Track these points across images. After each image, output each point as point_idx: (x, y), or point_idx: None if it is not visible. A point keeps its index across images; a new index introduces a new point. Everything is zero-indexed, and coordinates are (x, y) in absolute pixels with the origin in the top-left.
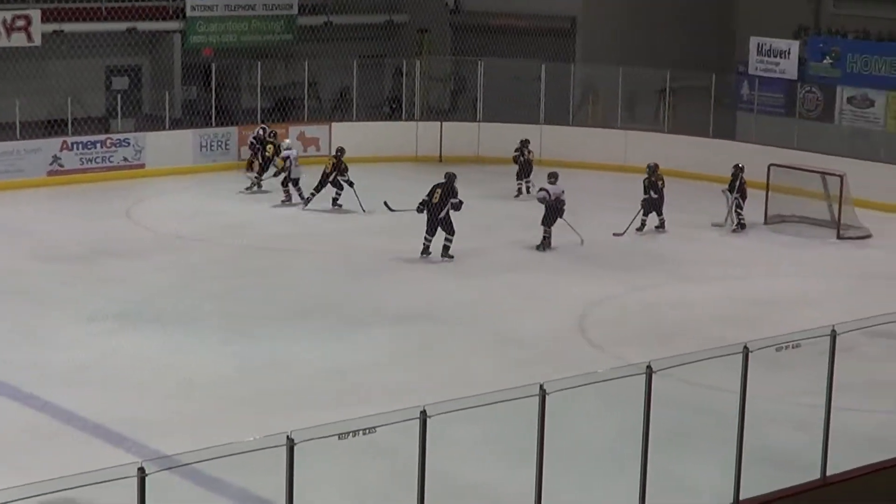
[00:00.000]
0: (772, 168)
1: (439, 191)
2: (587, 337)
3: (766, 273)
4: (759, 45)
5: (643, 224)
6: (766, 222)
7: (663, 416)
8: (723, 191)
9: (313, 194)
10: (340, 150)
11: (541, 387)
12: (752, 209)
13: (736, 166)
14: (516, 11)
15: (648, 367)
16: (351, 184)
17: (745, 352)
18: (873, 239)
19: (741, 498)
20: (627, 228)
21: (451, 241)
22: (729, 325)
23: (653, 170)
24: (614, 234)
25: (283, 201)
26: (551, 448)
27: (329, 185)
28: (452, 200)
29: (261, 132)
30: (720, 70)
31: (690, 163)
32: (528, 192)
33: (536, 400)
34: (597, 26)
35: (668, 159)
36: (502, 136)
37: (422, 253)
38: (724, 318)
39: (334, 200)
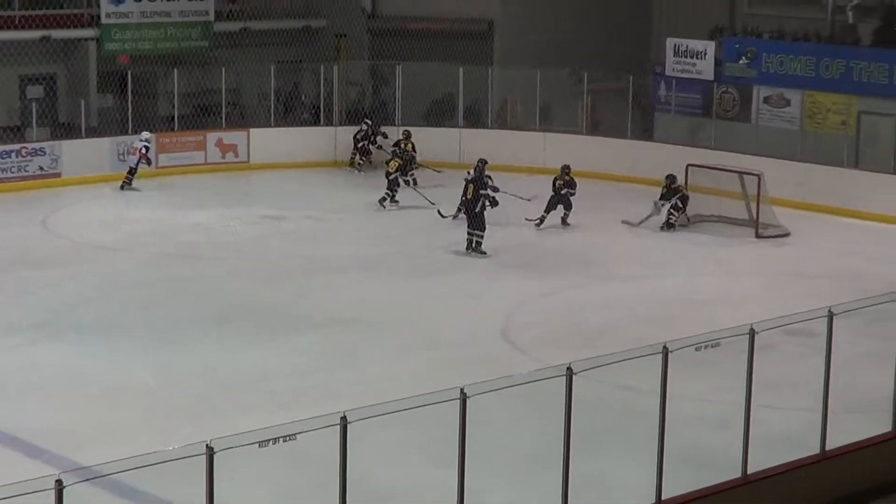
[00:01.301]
0: (690, 168)
1: (471, 186)
2: (510, 340)
3: (686, 273)
4: (675, 46)
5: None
6: (687, 221)
7: (586, 418)
8: (655, 202)
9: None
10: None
11: (461, 390)
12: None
13: (668, 177)
14: (433, 15)
15: (569, 368)
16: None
17: (665, 352)
18: (791, 237)
19: (663, 497)
20: (539, 220)
21: (481, 236)
22: (650, 325)
23: (565, 171)
24: (526, 220)
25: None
26: (475, 450)
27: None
28: (486, 193)
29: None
30: (637, 71)
31: (609, 164)
32: (413, 184)
33: (458, 403)
34: (514, 29)
35: (586, 161)
36: (421, 140)
37: (466, 248)
38: (645, 318)
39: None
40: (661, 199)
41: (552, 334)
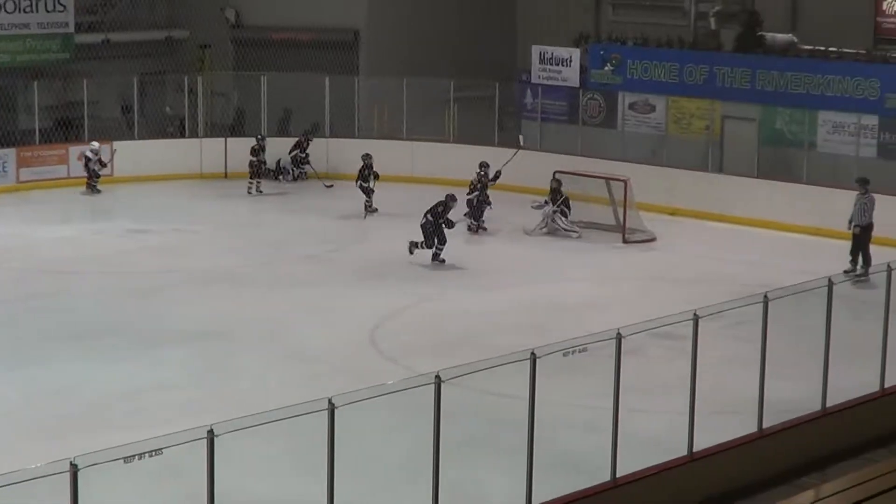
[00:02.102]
0: (557, 174)
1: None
2: (379, 349)
3: (555, 279)
4: (540, 53)
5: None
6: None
7: (455, 425)
8: (536, 204)
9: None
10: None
11: (329, 401)
12: (539, 216)
13: (554, 178)
14: (298, 25)
15: (437, 376)
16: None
17: (533, 358)
18: (657, 242)
19: (534, 502)
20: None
21: (422, 245)
22: (519, 332)
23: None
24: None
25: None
26: (345, 460)
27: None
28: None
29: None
30: (503, 79)
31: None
32: (258, 192)
33: (326, 414)
34: (380, 38)
35: (454, 169)
36: (283, 148)
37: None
38: (514, 325)
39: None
40: (548, 199)
41: (421, 343)
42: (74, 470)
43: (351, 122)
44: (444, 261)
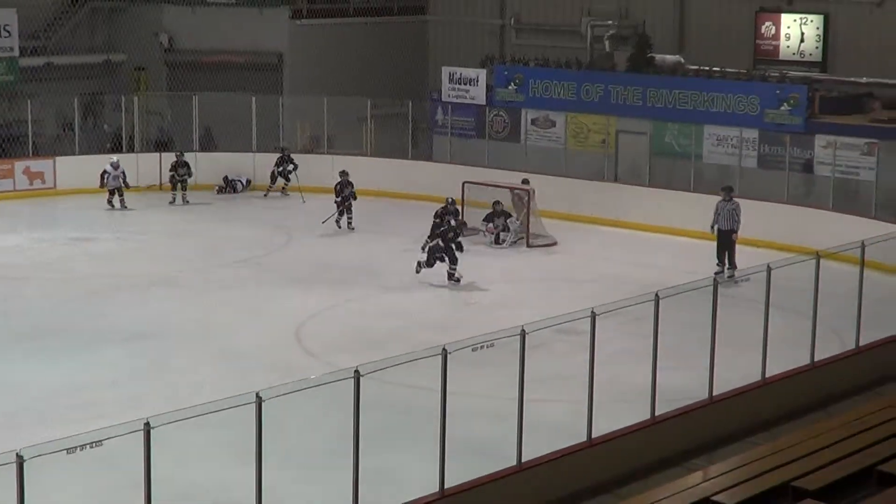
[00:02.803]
0: (466, 185)
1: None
2: (303, 346)
3: (465, 281)
4: (450, 73)
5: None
6: (463, 234)
7: (374, 416)
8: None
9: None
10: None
11: (257, 395)
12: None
13: (494, 203)
14: (227, 49)
15: (356, 371)
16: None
17: (444, 353)
18: (558, 246)
19: (446, 486)
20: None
21: (424, 265)
22: (434, 329)
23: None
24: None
25: None
26: (273, 449)
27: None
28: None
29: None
30: (416, 98)
31: (392, 183)
32: (184, 202)
33: (254, 406)
34: (302, 60)
35: (372, 181)
36: (218, 164)
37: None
38: (430, 324)
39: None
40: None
41: (342, 341)
42: (20, 461)
43: (276, 138)
44: (459, 279)
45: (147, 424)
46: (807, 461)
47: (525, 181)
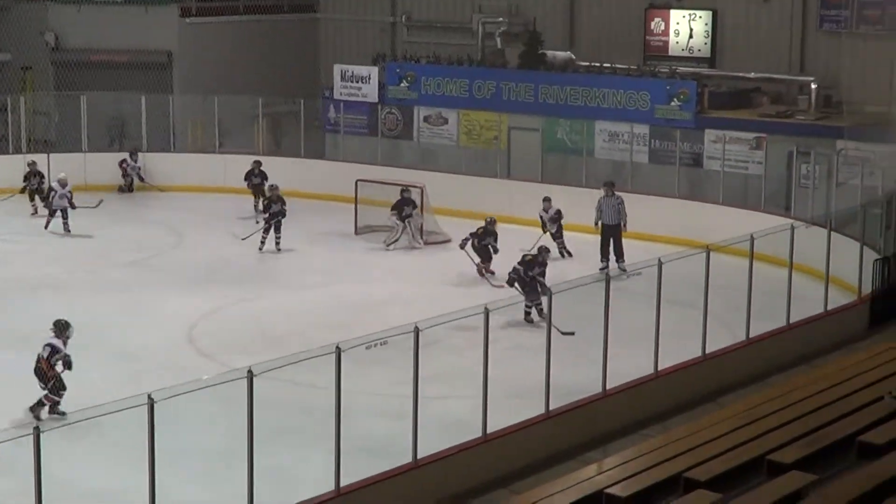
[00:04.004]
0: (359, 183)
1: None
2: (197, 347)
3: (359, 279)
4: (342, 71)
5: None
6: (356, 233)
7: (269, 415)
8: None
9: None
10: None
11: (149, 396)
12: (344, 222)
13: (402, 191)
14: (115, 48)
15: (249, 371)
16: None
17: (338, 352)
18: (452, 243)
19: (342, 485)
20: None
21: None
22: (328, 329)
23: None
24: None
25: None
26: (167, 451)
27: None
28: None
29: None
30: (308, 96)
31: (285, 181)
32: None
33: (146, 409)
34: (192, 59)
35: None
36: (107, 164)
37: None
38: (324, 323)
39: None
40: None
41: (236, 341)
42: None
43: (167, 137)
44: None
45: (37, 429)
46: (698, 452)
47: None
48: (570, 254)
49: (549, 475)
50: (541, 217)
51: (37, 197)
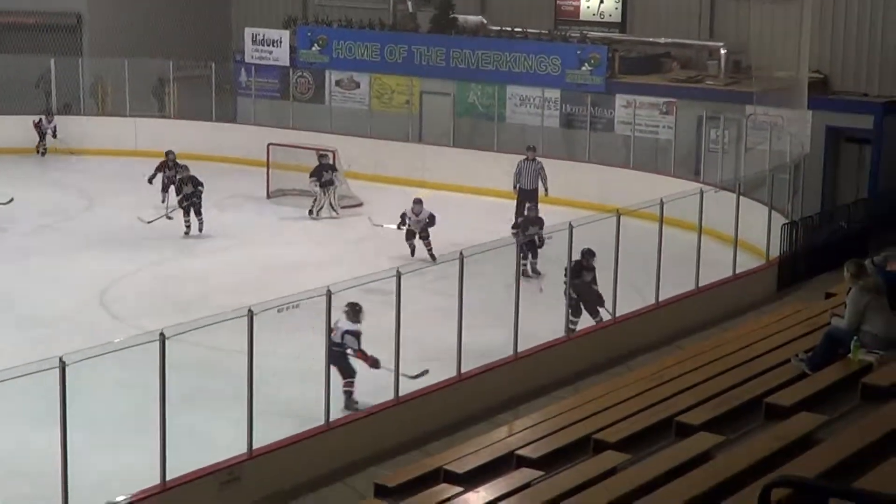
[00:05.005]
0: (271, 147)
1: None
2: (109, 311)
3: (271, 243)
4: (253, 35)
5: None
6: (268, 197)
7: (182, 378)
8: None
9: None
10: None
11: (60, 359)
12: (256, 185)
13: (320, 156)
14: (21, 9)
15: (161, 333)
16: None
17: (250, 315)
18: (364, 207)
19: (254, 447)
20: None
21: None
22: (240, 292)
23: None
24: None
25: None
26: (79, 415)
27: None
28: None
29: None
30: (219, 59)
31: (197, 145)
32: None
33: (56, 372)
34: (102, 21)
35: (176, 143)
36: (13, 128)
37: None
38: (236, 286)
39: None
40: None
41: (149, 304)
42: None
43: (76, 100)
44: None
45: None
46: (608, 414)
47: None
48: (434, 258)
49: (462, 437)
50: (404, 216)
51: None
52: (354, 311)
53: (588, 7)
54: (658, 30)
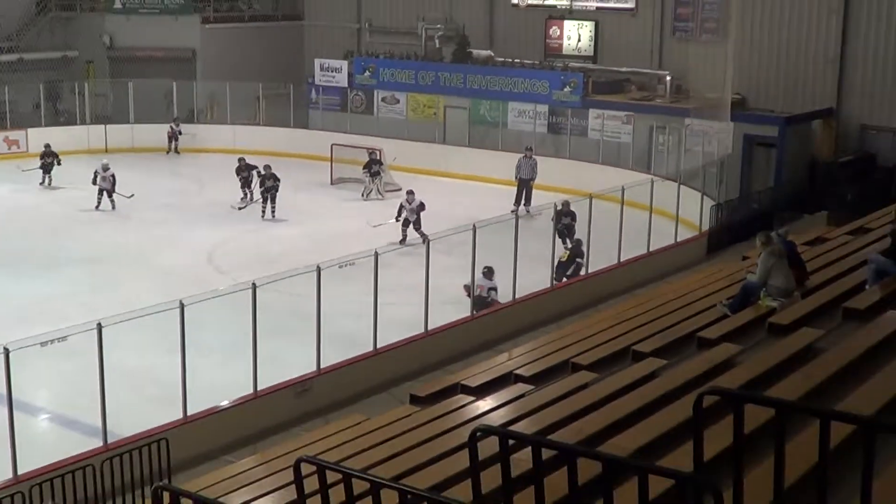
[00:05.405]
0: (333, 146)
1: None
2: (215, 266)
3: (333, 217)
4: (321, 64)
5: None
6: (331, 183)
7: (268, 317)
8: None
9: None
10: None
11: (180, 302)
12: (323, 175)
13: (370, 153)
14: (153, 46)
15: (253, 284)
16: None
17: (318, 270)
18: (402, 192)
19: (322, 366)
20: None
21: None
22: (311, 253)
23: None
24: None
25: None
26: (194, 343)
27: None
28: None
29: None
30: (296, 82)
31: (280, 146)
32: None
33: (178, 311)
34: (211, 54)
35: (264, 143)
36: (152, 133)
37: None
38: (308, 248)
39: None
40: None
41: (244, 262)
42: (6, 353)
43: (191, 114)
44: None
45: (99, 325)
46: (582, 343)
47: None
48: (425, 237)
49: (474, 360)
50: (401, 206)
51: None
52: (490, 272)
53: (569, 44)
54: (621, 61)
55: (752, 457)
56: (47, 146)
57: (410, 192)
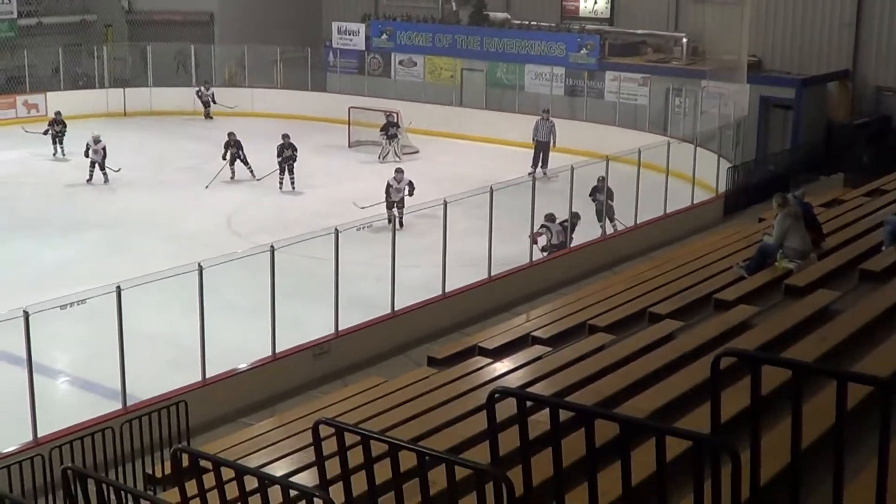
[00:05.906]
0: (351, 109)
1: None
2: (233, 229)
3: (351, 179)
4: (338, 27)
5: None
6: (349, 146)
7: (286, 279)
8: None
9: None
10: None
11: (199, 264)
12: (340, 137)
13: (387, 115)
14: (171, 9)
15: (271, 246)
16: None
17: (336, 232)
18: (420, 154)
19: (340, 329)
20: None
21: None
22: (328, 216)
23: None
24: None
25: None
26: (212, 305)
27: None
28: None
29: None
30: (313, 44)
31: (297, 109)
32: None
33: (196, 274)
34: (228, 17)
35: (282, 107)
36: (171, 97)
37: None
38: (326, 211)
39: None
40: (382, 131)
41: (262, 225)
42: (26, 315)
43: (210, 76)
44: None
45: (118, 287)
46: (599, 306)
47: (399, 170)
48: (401, 224)
49: (491, 322)
50: (389, 185)
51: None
52: (552, 218)
53: (585, 6)
54: (637, 23)
55: (769, 418)
56: (58, 113)
57: (399, 171)
